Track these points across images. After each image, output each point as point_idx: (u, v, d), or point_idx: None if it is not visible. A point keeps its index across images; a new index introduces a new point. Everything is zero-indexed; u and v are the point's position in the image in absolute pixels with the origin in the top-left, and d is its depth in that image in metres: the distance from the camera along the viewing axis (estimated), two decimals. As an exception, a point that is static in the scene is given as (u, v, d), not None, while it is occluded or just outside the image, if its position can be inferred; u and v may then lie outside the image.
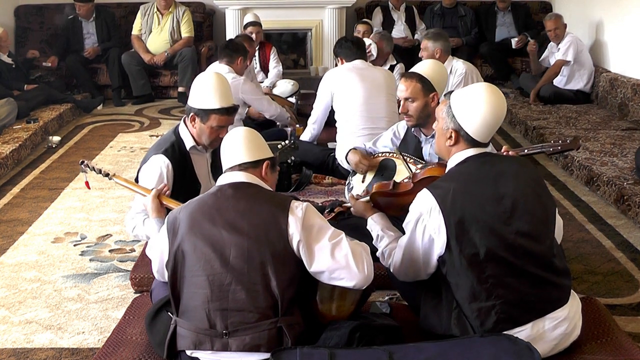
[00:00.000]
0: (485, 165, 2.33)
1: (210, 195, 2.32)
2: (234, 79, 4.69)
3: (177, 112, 6.89)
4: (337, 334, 2.25)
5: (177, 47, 7.27)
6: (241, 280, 2.18)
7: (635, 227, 3.99)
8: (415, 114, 3.22)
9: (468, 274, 2.24)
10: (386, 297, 3.08)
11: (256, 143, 2.41)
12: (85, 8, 7.27)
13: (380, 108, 4.29)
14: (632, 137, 5.31)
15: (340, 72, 4.39)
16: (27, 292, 3.26)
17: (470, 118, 2.32)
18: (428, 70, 3.25)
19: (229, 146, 2.40)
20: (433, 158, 3.25)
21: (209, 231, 2.22)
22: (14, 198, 4.53)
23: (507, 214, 2.25)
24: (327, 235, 2.23)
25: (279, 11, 7.69)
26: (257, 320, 2.19)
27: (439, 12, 7.83)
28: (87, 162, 3.06)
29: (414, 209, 2.35)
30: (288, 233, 2.20)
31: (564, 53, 6.54)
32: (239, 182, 2.32)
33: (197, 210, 2.27)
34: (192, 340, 2.23)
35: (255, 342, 2.19)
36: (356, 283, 2.22)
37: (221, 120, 2.97)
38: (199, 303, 2.22)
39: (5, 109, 5.77)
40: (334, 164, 4.47)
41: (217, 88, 2.96)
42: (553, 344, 2.30)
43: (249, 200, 2.26)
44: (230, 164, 2.37)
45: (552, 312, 2.28)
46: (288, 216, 2.21)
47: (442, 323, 2.33)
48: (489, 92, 2.34)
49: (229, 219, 2.22)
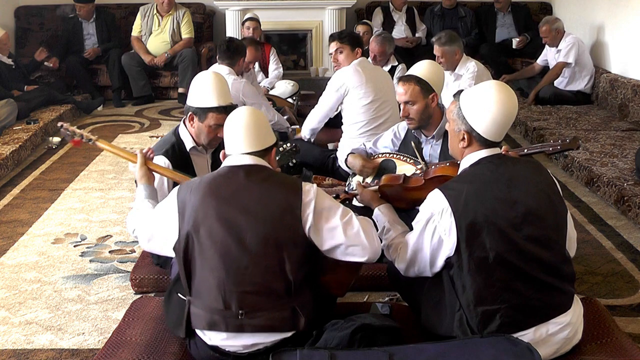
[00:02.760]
0: (499, 168, 2.31)
1: (222, 178, 2.32)
2: (235, 81, 4.69)
3: (177, 113, 6.89)
4: (339, 335, 2.25)
5: (177, 48, 7.27)
6: (258, 263, 2.23)
7: (635, 228, 3.99)
8: (417, 116, 3.22)
9: (475, 277, 2.23)
10: (386, 298, 3.08)
11: (265, 129, 2.41)
12: (85, 9, 7.28)
13: (388, 109, 4.31)
14: (632, 138, 5.31)
15: (355, 71, 4.32)
16: (27, 293, 3.26)
17: (481, 118, 2.30)
18: (425, 71, 3.24)
19: (237, 132, 2.37)
20: (433, 159, 3.26)
21: (225, 215, 2.24)
22: (14, 199, 4.54)
23: (518, 218, 2.23)
24: (338, 214, 2.30)
25: (279, 12, 7.71)
26: (273, 302, 2.25)
27: (439, 13, 7.84)
28: (66, 125, 2.97)
29: (425, 208, 2.35)
30: (302, 216, 2.25)
31: (566, 55, 6.53)
32: (250, 164, 2.33)
33: (211, 194, 2.27)
34: (207, 320, 2.28)
35: (270, 323, 2.25)
36: (369, 257, 2.32)
37: (219, 119, 2.94)
38: (214, 284, 2.25)
39: (6, 109, 5.77)
40: (334, 166, 4.47)
41: (215, 86, 2.96)
42: (555, 348, 2.30)
43: (262, 185, 2.29)
44: (241, 151, 2.35)
45: (556, 318, 2.27)
46: (301, 199, 2.27)
47: (444, 324, 2.33)
48: (497, 90, 2.31)
49: (244, 203, 2.25)
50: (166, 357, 2.43)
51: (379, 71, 4.64)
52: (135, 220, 2.49)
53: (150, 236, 2.40)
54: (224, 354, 2.32)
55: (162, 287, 3.14)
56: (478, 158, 2.33)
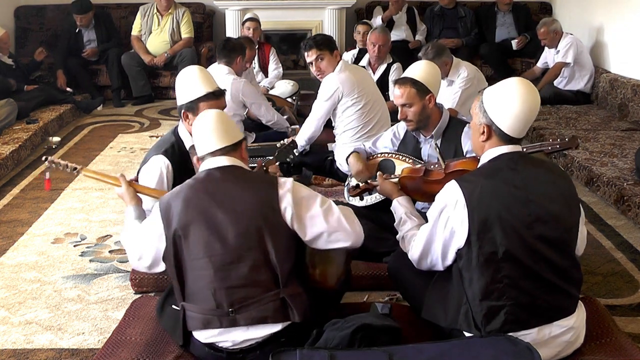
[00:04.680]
0: (518, 166, 2.31)
1: (200, 181, 2.39)
2: (235, 80, 4.69)
3: (177, 113, 6.85)
4: (339, 334, 2.26)
5: (177, 47, 7.27)
6: (242, 257, 2.28)
7: (635, 228, 3.99)
8: (415, 118, 3.22)
9: (483, 271, 2.24)
10: (386, 298, 3.08)
11: (230, 125, 2.48)
12: (86, 18, 7.23)
13: (378, 109, 4.31)
14: (632, 138, 5.31)
15: (347, 76, 4.29)
16: (27, 292, 3.26)
17: (501, 112, 2.30)
18: (420, 72, 3.23)
19: (205, 131, 2.43)
20: (432, 159, 3.25)
21: (205, 215, 2.29)
22: (14, 199, 4.53)
23: (532, 217, 2.23)
24: (317, 202, 2.37)
25: (279, 12, 7.70)
26: (261, 294, 2.29)
27: (439, 13, 7.83)
28: (51, 157, 2.96)
29: (439, 199, 2.36)
30: (280, 207, 2.31)
31: (564, 55, 6.53)
32: (225, 165, 2.39)
33: (191, 196, 2.33)
34: (201, 321, 2.33)
35: (261, 315, 2.29)
36: (352, 242, 2.38)
37: (211, 105, 2.87)
38: (204, 284, 2.30)
39: (5, 109, 5.76)
40: (332, 167, 4.46)
41: (198, 76, 2.95)
42: (556, 351, 2.30)
43: (238, 182, 2.35)
44: (210, 149, 2.41)
45: (560, 320, 2.28)
46: (278, 191, 2.33)
47: (449, 315, 2.33)
48: (519, 85, 2.32)
49: (223, 201, 2.30)
50: (166, 356, 2.43)
51: (362, 70, 4.62)
52: (127, 242, 2.55)
53: (140, 254, 2.45)
54: (218, 351, 2.35)
55: (162, 287, 3.14)
56: (498, 154, 2.34)
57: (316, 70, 4.37)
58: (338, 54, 4.40)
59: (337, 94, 4.27)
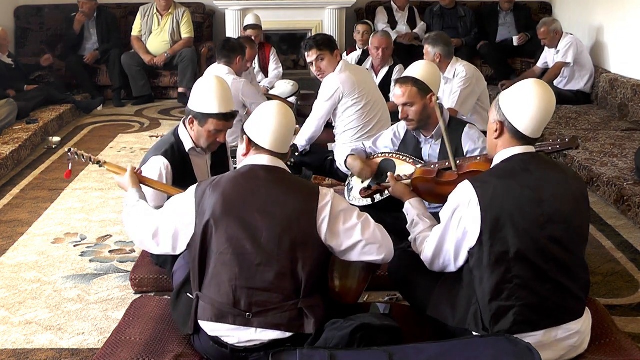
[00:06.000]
0: (530, 166, 2.31)
1: (241, 176, 2.36)
2: (235, 80, 4.68)
3: (177, 113, 6.89)
4: (339, 334, 2.25)
5: (177, 47, 7.27)
6: (270, 262, 2.27)
7: (635, 228, 3.99)
8: (416, 117, 3.22)
9: (494, 271, 2.24)
10: (386, 298, 3.09)
11: (290, 136, 2.46)
12: (88, 5, 7.25)
13: (378, 109, 4.31)
14: (632, 138, 5.31)
15: (347, 76, 4.28)
16: (27, 292, 3.26)
17: (515, 109, 2.31)
18: (422, 72, 3.24)
19: (284, 130, 2.40)
20: (432, 158, 3.26)
21: (242, 213, 2.28)
22: (14, 199, 4.53)
23: (544, 218, 2.24)
24: (355, 215, 2.36)
25: (279, 12, 7.70)
26: (281, 302, 2.28)
27: (439, 12, 7.83)
28: (75, 149, 2.96)
29: (452, 199, 2.36)
30: (317, 220, 2.30)
31: (564, 55, 6.53)
32: (270, 165, 2.37)
33: (231, 191, 2.31)
34: (214, 312, 2.31)
35: (277, 322, 2.28)
36: (384, 256, 2.38)
37: (219, 125, 2.96)
38: (226, 279, 2.29)
39: (5, 109, 5.77)
40: (332, 167, 4.46)
41: (218, 93, 2.95)
42: (560, 354, 2.30)
43: (281, 186, 2.34)
44: (275, 148, 2.38)
45: (567, 324, 2.28)
46: (318, 203, 2.31)
47: (457, 315, 2.33)
48: (535, 85, 2.33)
49: (263, 203, 2.29)
50: (166, 356, 2.43)
51: (362, 70, 4.61)
52: (135, 219, 2.52)
53: (155, 231, 2.41)
54: (222, 346, 2.35)
55: (161, 286, 3.14)
56: (511, 154, 2.34)
57: (316, 70, 4.37)
58: (339, 54, 4.39)
59: (338, 94, 4.26)
